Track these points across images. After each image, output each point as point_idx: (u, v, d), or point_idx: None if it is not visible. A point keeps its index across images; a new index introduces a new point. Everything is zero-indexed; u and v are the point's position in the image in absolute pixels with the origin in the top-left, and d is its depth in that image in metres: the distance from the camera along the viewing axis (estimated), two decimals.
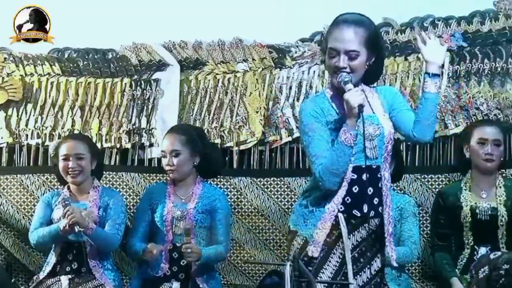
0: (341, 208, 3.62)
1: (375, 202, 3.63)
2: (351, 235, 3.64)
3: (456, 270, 4.72)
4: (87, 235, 4.69)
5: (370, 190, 3.63)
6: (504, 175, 4.93)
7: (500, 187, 4.78)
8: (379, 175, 3.64)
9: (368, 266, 3.65)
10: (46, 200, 4.94)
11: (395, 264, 3.71)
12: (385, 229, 3.65)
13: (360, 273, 3.64)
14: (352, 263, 3.61)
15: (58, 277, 4.77)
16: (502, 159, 4.82)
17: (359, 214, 3.63)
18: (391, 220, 3.68)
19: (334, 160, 3.55)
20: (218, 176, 5.29)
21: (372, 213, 3.63)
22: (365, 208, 3.63)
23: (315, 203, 3.65)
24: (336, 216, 3.62)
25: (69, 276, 4.76)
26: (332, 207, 3.62)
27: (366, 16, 3.75)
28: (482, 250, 4.68)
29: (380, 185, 3.64)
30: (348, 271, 3.59)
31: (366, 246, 3.65)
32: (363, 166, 3.60)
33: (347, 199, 3.63)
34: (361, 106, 3.51)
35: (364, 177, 3.61)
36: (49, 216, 4.88)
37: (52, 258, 4.83)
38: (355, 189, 3.62)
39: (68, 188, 4.91)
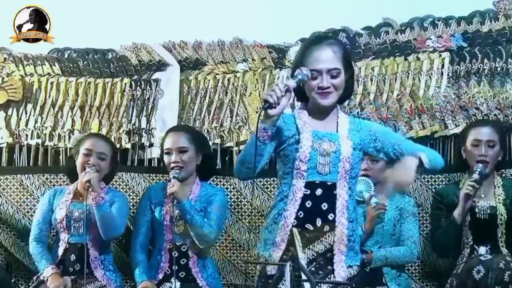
0: (294, 222, 3.64)
1: (330, 218, 3.64)
2: (306, 249, 3.63)
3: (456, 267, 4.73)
4: (96, 205, 4.68)
5: (324, 206, 3.64)
6: (504, 175, 4.92)
7: (499, 186, 4.78)
8: (335, 192, 3.65)
9: (328, 277, 3.63)
10: (47, 199, 4.93)
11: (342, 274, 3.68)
12: (334, 246, 3.64)
13: (320, 285, 3.63)
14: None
15: (62, 276, 4.78)
16: (499, 159, 4.81)
17: (312, 228, 3.64)
18: (344, 238, 3.64)
19: (246, 149, 3.61)
20: (218, 176, 5.30)
21: (326, 228, 3.63)
22: (318, 222, 3.63)
23: (272, 222, 3.69)
24: (291, 231, 3.61)
25: (72, 277, 4.77)
26: (286, 223, 3.64)
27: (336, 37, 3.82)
28: (482, 250, 4.68)
29: (336, 202, 3.66)
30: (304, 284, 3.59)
31: (324, 260, 3.65)
32: (317, 182, 3.64)
33: (300, 214, 3.64)
34: (265, 102, 3.49)
35: (317, 192, 3.64)
36: (49, 219, 4.89)
37: (54, 257, 4.84)
38: (308, 204, 3.64)
39: (75, 187, 4.92)
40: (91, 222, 4.76)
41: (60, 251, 4.82)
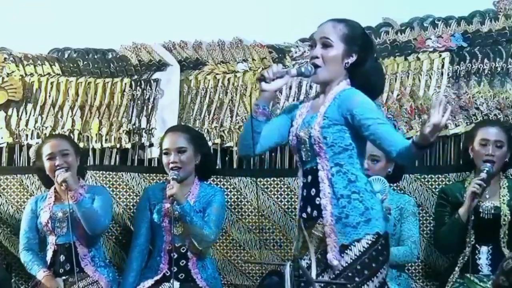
0: (299, 214, 3.74)
1: (317, 203, 3.65)
2: (311, 237, 3.68)
3: (457, 268, 4.72)
4: (75, 202, 4.70)
5: (313, 191, 3.66)
6: (504, 175, 4.92)
7: (504, 187, 4.79)
8: (318, 175, 3.66)
9: (322, 275, 3.63)
10: (30, 208, 4.98)
11: (334, 263, 3.60)
12: (324, 229, 3.62)
13: (323, 274, 3.63)
14: (317, 265, 3.63)
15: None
16: (506, 160, 4.81)
17: (305, 216, 3.69)
18: (332, 218, 3.60)
19: (244, 126, 3.79)
20: (218, 176, 5.30)
21: (315, 213, 3.65)
22: (309, 209, 3.67)
23: None
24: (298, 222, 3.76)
25: (64, 277, 4.79)
26: (297, 216, 3.80)
27: (355, 22, 3.76)
28: (484, 249, 4.69)
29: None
30: (312, 272, 3.61)
31: (323, 250, 3.65)
32: (308, 169, 3.68)
33: (301, 204, 3.73)
34: (261, 75, 3.60)
35: (309, 179, 3.68)
36: (35, 226, 4.93)
37: (44, 262, 4.86)
38: (304, 192, 3.70)
39: (54, 189, 4.94)
40: (76, 220, 4.78)
41: (49, 254, 4.87)
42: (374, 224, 3.62)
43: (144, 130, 5.51)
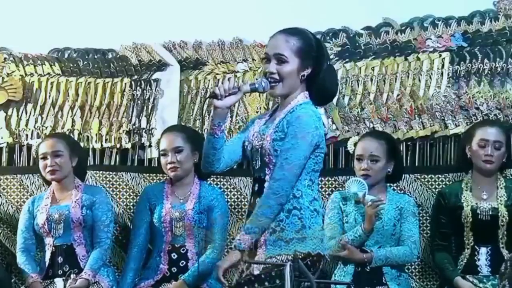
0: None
1: None
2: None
3: (457, 269, 4.73)
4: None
5: (257, 201, 3.61)
6: (504, 175, 4.92)
7: (501, 188, 4.79)
8: (264, 185, 3.61)
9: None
10: (27, 208, 4.99)
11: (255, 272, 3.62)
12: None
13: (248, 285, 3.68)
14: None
15: (53, 279, 4.81)
16: (504, 160, 4.81)
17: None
18: (266, 232, 3.56)
19: (203, 144, 3.71)
20: (218, 176, 5.29)
21: None
22: None
23: None
24: None
25: (63, 278, 4.80)
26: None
27: (308, 30, 3.71)
28: (483, 250, 4.69)
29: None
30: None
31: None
32: (257, 177, 3.65)
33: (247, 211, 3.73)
34: (212, 92, 3.62)
35: (255, 188, 3.65)
36: (31, 226, 4.94)
37: (43, 263, 4.86)
38: (251, 200, 3.68)
39: (52, 190, 4.96)
40: (73, 221, 4.80)
41: (48, 256, 4.86)
42: (308, 244, 3.56)
43: (144, 130, 5.51)
